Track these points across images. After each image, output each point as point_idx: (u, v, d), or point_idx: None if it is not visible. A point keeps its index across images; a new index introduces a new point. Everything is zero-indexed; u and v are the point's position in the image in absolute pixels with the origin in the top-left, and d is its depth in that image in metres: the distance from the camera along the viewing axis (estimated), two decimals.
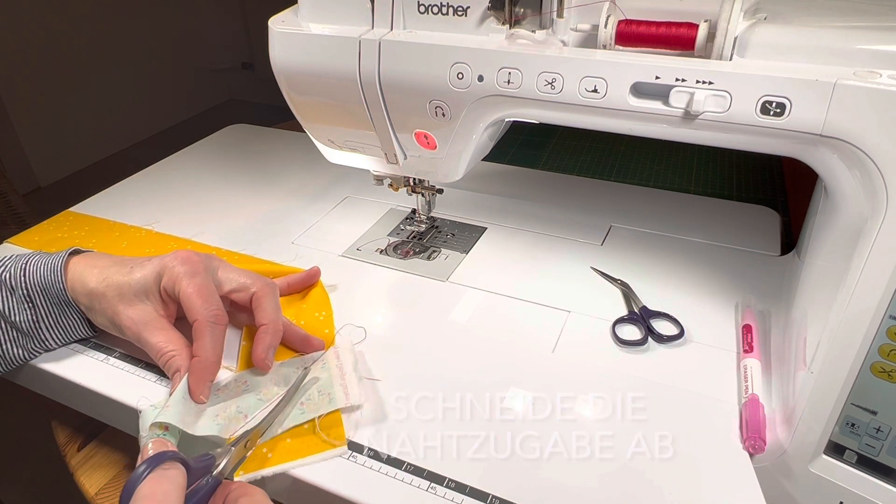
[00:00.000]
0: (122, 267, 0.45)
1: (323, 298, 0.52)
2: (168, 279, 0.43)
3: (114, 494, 0.47)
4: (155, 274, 0.44)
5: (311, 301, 0.52)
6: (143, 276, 0.44)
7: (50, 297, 0.46)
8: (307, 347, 0.46)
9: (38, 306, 0.46)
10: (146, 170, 0.77)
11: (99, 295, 0.44)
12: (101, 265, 0.46)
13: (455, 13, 0.42)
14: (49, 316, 0.46)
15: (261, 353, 0.43)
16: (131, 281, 0.44)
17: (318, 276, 0.54)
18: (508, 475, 0.38)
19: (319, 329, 0.49)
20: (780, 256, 0.57)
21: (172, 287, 0.43)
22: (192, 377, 0.40)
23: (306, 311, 0.51)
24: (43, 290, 0.45)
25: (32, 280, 0.45)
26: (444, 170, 0.51)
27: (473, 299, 0.53)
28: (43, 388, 0.49)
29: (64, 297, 0.46)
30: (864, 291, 0.34)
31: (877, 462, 0.37)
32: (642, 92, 0.38)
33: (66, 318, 0.47)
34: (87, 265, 0.46)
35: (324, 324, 0.49)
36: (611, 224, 0.63)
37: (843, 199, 0.37)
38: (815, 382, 0.37)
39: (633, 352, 0.47)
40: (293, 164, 0.77)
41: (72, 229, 0.64)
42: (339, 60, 0.46)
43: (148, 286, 0.44)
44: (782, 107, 0.34)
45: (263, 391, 0.42)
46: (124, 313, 0.44)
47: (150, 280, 0.44)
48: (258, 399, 0.42)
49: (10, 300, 0.45)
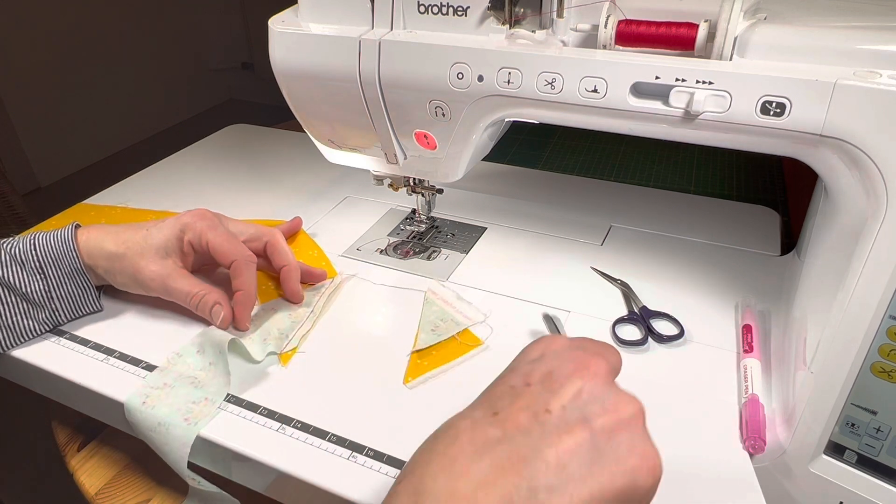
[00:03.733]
0: (136, 231, 0.50)
1: (308, 240, 0.61)
2: (193, 234, 0.49)
3: (114, 494, 0.47)
4: (177, 231, 0.49)
5: (300, 245, 0.61)
6: (164, 235, 0.49)
7: (62, 267, 0.49)
8: (313, 279, 0.54)
9: (49, 277, 0.48)
10: (146, 170, 0.77)
11: (120, 256, 0.49)
12: (114, 231, 0.50)
13: (455, 13, 0.42)
14: (60, 286, 0.49)
15: (294, 288, 0.51)
16: (151, 240, 0.49)
17: (300, 225, 0.63)
18: None
19: (317, 263, 0.58)
20: (780, 256, 0.57)
21: (199, 240, 0.49)
22: (237, 309, 0.48)
23: (300, 252, 0.59)
24: (55, 259, 0.48)
25: (44, 251, 0.48)
26: (444, 170, 0.51)
27: (473, 299, 0.53)
28: (43, 388, 0.49)
29: (77, 265, 0.49)
30: (864, 291, 0.34)
31: (877, 462, 0.37)
32: (642, 92, 0.38)
33: (77, 289, 0.50)
34: (101, 233, 0.50)
35: (318, 259, 0.59)
36: (611, 224, 0.63)
37: (843, 200, 0.37)
38: (815, 382, 0.37)
39: (633, 352, 0.47)
40: (293, 164, 0.77)
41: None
42: (339, 60, 0.46)
43: (169, 243, 0.49)
44: (782, 107, 0.34)
45: (291, 314, 0.51)
46: (146, 269, 0.48)
47: (171, 238, 0.49)
48: (292, 321, 0.50)
49: (20, 273, 0.47)
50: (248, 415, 0.42)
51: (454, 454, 0.25)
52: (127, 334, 0.50)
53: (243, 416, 0.42)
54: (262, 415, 0.42)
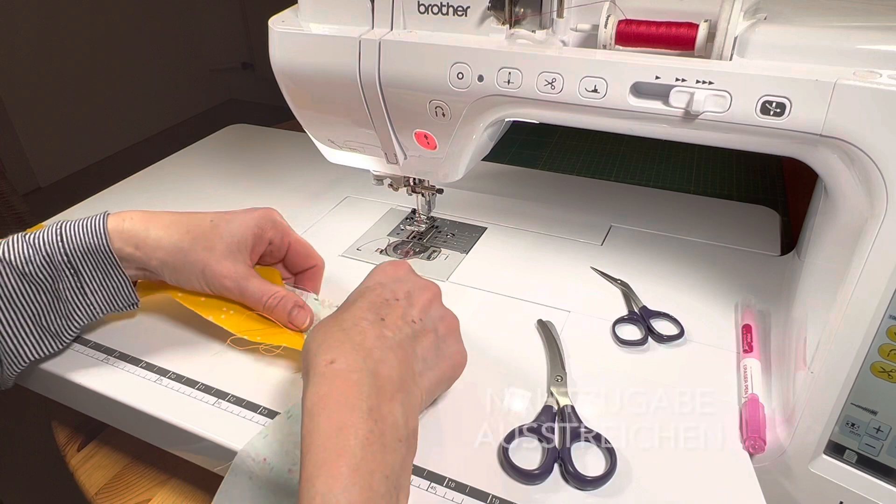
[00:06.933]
0: (199, 221, 0.47)
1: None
2: (275, 233, 0.49)
3: (114, 494, 0.47)
4: (253, 226, 0.47)
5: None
6: (239, 230, 0.47)
7: (95, 261, 0.44)
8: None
9: (80, 272, 0.44)
10: (146, 170, 0.77)
11: (185, 250, 0.45)
12: (167, 221, 0.46)
13: (455, 13, 0.42)
14: (93, 280, 0.45)
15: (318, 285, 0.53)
16: (224, 235, 0.46)
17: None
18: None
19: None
20: (780, 256, 0.57)
21: (281, 238, 0.49)
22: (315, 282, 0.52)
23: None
24: (85, 253, 0.44)
25: (72, 245, 0.44)
26: (444, 170, 0.51)
27: (473, 299, 0.53)
28: (43, 388, 0.49)
29: (111, 259, 0.44)
30: (864, 291, 0.34)
31: (877, 462, 0.37)
32: (642, 92, 0.38)
33: (110, 280, 0.46)
34: (148, 220, 0.46)
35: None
36: (611, 224, 0.63)
37: (843, 199, 0.37)
38: (815, 382, 0.37)
39: (633, 352, 0.47)
40: (293, 164, 0.77)
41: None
42: (339, 60, 0.46)
43: (245, 240, 0.47)
44: (782, 107, 0.34)
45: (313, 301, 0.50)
46: (218, 266, 0.45)
47: (247, 234, 0.47)
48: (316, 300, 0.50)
49: (46, 268, 0.43)
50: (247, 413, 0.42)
51: (369, 346, 0.34)
52: (127, 334, 0.49)
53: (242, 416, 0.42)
54: (263, 414, 0.42)
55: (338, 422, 0.30)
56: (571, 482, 0.37)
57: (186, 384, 0.44)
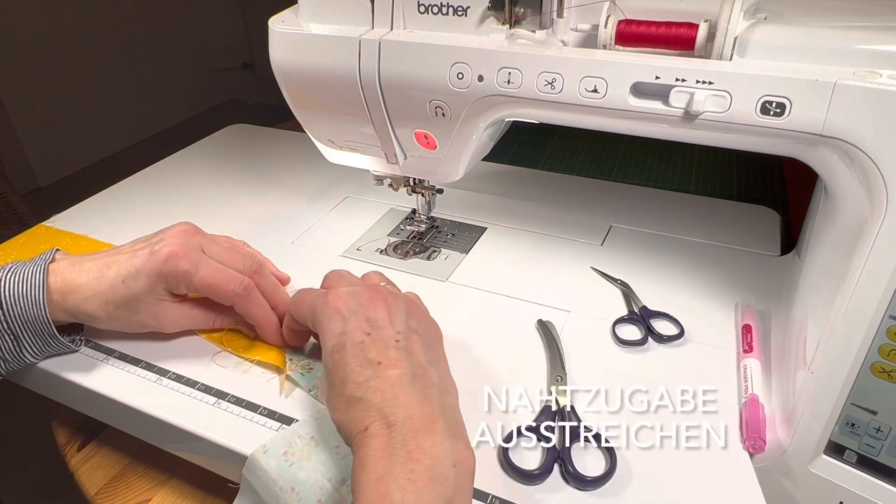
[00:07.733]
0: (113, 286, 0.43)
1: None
2: (173, 282, 0.43)
3: (114, 494, 0.47)
4: (148, 286, 0.43)
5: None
6: (135, 293, 0.43)
7: (34, 331, 0.43)
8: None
9: (21, 339, 0.43)
10: (146, 170, 0.77)
11: (120, 318, 0.44)
12: (87, 293, 0.43)
13: (455, 13, 0.42)
14: (33, 346, 0.44)
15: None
16: (126, 295, 0.43)
17: (288, 281, 0.53)
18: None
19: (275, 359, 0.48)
20: (780, 256, 0.57)
21: (184, 289, 0.44)
22: (269, 340, 0.46)
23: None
24: (25, 324, 0.42)
25: (12, 313, 0.42)
26: (444, 170, 0.51)
27: (473, 299, 0.53)
28: (43, 388, 0.49)
29: (49, 330, 0.43)
30: (864, 291, 0.34)
31: (877, 462, 0.37)
32: (642, 92, 0.38)
33: (49, 347, 0.45)
34: (74, 294, 0.43)
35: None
36: (611, 224, 0.63)
37: (843, 199, 0.37)
38: (815, 382, 0.37)
39: (633, 352, 0.47)
40: (293, 164, 0.77)
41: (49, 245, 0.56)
42: (339, 60, 0.46)
43: (140, 297, 0.43)
44: (782, 107, 0.34)
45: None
46: (147, 319, 0.45)
47: (142, 293, 0.43)
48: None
49: None
50: (247, 414, 0.42)
51: (388, 389, 0.34)
52: (127, 334, 0.49)
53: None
54: (263, 414, 0.42)
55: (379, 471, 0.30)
56: (571, 482, 0.37)
57: (186, 384, 0.44)
